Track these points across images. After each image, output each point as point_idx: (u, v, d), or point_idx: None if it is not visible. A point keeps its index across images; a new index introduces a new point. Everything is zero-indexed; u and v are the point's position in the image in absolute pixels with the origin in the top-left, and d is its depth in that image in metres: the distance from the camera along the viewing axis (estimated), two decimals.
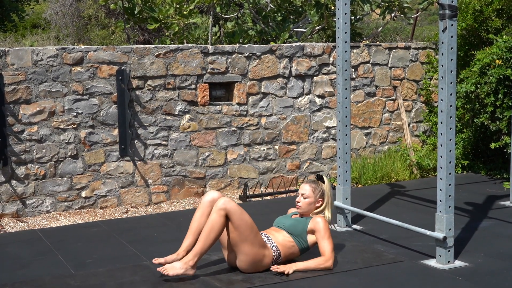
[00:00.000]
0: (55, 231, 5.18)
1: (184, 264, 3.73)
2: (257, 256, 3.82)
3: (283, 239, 3.99)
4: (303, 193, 4.13)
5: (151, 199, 6.12)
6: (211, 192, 3.96)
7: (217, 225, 3.71)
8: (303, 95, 6.71)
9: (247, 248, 3.78)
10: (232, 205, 3.74)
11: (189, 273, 3.75)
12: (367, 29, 13.86)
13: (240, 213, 3.74)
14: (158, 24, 7.20)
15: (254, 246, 3.79)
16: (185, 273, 3.74)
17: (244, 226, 3.74)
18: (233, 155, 6.42)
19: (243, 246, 3.78)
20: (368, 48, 7.02)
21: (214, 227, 3.71)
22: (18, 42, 13.08)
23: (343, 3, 4.80)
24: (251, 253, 3.80)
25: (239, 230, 3.73)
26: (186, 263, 3.73)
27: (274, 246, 3.93)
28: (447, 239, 4.00)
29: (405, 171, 6.83)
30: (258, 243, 3.81)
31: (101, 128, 5.87)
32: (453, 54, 3.89)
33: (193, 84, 6.18)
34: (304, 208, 4.12)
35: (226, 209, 3.71)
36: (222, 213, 3.71)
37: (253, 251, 3.80)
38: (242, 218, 3.74)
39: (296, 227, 4.04)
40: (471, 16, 6.80)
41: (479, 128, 6.90)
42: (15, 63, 5.51)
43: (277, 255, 3.93)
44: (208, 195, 3.94)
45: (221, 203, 3.73)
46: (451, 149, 3.94)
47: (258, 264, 3.86)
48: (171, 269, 3.73)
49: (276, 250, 3.93)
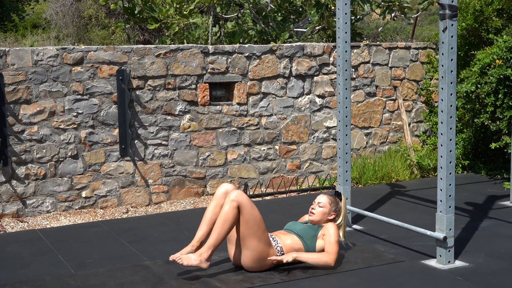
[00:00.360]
0: (55, 231, 5.18)
1: (198, 257, 3.74)
2: (262, 253, 3.84)
3: (291, 242, 4.01)
4: (319, 201, 4.18)
5: (151, 199, 6.12)
6: (225, 184, 3.98)
7: (230, 217, 3.73)
8: (303, 95, 6.71)
9: (254, 244, 3.80)
10: (244, 198, 3.77)
11: (203, 266, 3.75)
12: (367, 29, 13.86)
13: (251, 207, 3.78)
14: (158, 24, 7.21)
15: (261, 243, 3.81)
16: (199, 265, 3.74)
17: (253, 221, 3.77)
18: (233, 155, 6.42)
19: (250, 241, 3.79)
20: (369, 48, 7.02)
21: (227, 218, 3.73)
22: (19, 42, 13.08)
23: (343, 3, 4.80)
24: (257, 249, 3.81)
25: (248, 224, 3.76)
26: (201, 255, 3.74)
27: (279, 247, 3.94)
28: (448, 239, 4.00)
29: (406, 171, 6.83)
30: (264, 240, 3.83)
31: (101, 128, 5.87)
32: (454, 54, 3.89)
33: (193, 84, 6.18)
34: (317, 217, 4.16)
35: (238, 201, 3.75)
36: (235, 205, 3.74)
37: (259, 247, 3.81)
38: (253, 213, 3.77)
39: (307, 232, 4.07)
40: (471, 16, 6.80)
41: (479, 128, 6.90)
42: (15, 63, 5.51)
43: (280, 255, 3.93)
44: (222, 187, 3.96)
45: (234, 195, 3.76)
46: (452, 149, 3.94)
47: (262, 262, 3.87)
48: (186, 259, 3.73)
49: (280, 251, 3.94)
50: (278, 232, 4.12)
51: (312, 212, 4.18)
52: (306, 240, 4.03)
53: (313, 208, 4.18)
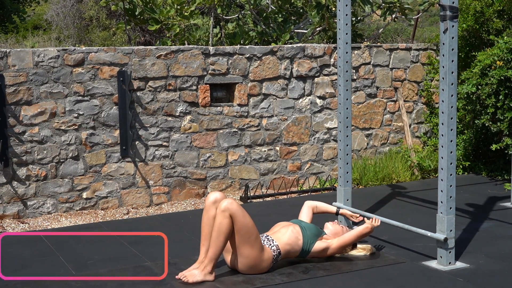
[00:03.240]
0: (55, 231, 5.18)
1: (202, 271, 3.79)
2: (256, 260, 3.85)
3: (290, 234, 4.02)
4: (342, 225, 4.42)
5: (152, 200, 6.13)
6: (214, 193, 3.97)
7: (224, 228, 3.73)
8: (304, 96, 6.71)
9: (247, 251, 3.80)
10: (235, 207, 3.75)
11: (209, 278, 3.80)
12: (368, 30, 13.86)
13: (242, 216, 3.76)
14: (159, 25, 7.21)
15: (254, 249, 3.82)
16: (204, 279, 3.79)
17: (245, 230, 3.76)
18: (234, 156, 6.42)
19: (244, 249, 3.80)
20: (369, 49, 7.02)
21: (222, 230, 3.74)
22: (19, 43, 13.08)
23: (344, 4, 4.80)
24: (251, 256, 3.82)
25: (241, 233, 3.76)
26: (204, 269, 3.79)
27: (275, 246, 3.94)
28: (448, 240, 4.00)
29: (406, 172, 6.83)
30: (258, 246, 3.84)
31: (102, 129, 5.87)
32: (454, 55, 3.89)
33: (194, 85, 6.18)
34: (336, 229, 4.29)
35: (230, 210, 3.73)
36: (227, 214, 3.73)
37: (253, 254, 3.82)
38: (244, 221, 3.76)
39: (312, 229, 4.13)
40: (472, 17, 6.80)
41: (480, 129, 6.90)
42: (16, 64, 5.52)
43: (276, 254, 3.95)
44: (211, 196, 3.95)
45: (224, 206, 3.75)
46: (452, 150, 3.94)
47: (257, 267, 3.88)
48: (191, 277, 3.79)
49: (276, 250, 3.94)
50: (276, 226, 4.16)
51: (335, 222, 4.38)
52: (307, 235, 4.06)
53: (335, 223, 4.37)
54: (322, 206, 4.56)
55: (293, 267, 4.04)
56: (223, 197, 3.91)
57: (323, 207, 4.56)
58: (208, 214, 3.91)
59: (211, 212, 3.90)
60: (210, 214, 3.90)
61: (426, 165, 6.84)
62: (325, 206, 4.58)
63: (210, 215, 3.90)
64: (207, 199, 3.96)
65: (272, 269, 3.95)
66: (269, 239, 3.98)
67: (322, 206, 4.56)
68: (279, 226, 4.15)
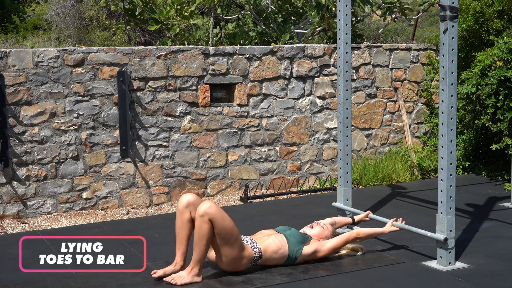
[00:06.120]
0: (56, 232, 5.18)
1: (189, 274, 3.80)
2: (236, 259, 3.87)
3: (270, 242, 4.00)
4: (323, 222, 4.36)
5: (152, 200, 6.13)
6: (186, 196, 3.94)
7: (204, 232, 3.74)
8: (304, 96, 6.71)
9: (228, 251, 3.84)
10: (213, 210, 3.74)
11: (197, 280, 3.81)
12: (368, 30, 13.86)
13: (221, 218, 3.76)
14: (159, 26, 7.21)
15: (234, 249, 3.84)
16: (192, 281, 3.80)
17: (225, 232, 3.77)
18: (234, 156, 6.42)
19: (224, 250, 3.83)
20: (369, 49, 7.02)
21: (202, 234, 3.74)
22: (19, 43, 13.08)
23: (344, 4, 4.80)
24: (231, 256, 3.85)
25: (221, 235, 3.77)
26: (191, 271, 3.80)
27: (257, 248, 3.95)
28: (448, 241, 4.00)
29: (406, 173, 6.83)
30: (238, 246, 3.85)
31: (102, 129, 5.87)
32: (454, 56, 3.89)
33: (194, 85, 6.18)
34: (319, 231, 4.25)
35: (208, 214, 3.73)
36: (206, 219, 3.72)
37: (233, 253, 3.85)
38: (223, 224, 3.76)
39: (297, 236, 4.10)
40: (472, 18, 6.80)
41: (480, 130, 6.90)
42: (16, 65, 5.52)
43: (257, 256, 3.95)
44: (184, 199, 3.93)
45: (202, 210, 3.73)
46: (452, 150, 3.94)
47: (237, 264, 3.90)
48: (179, 279, 3.79)
49: (258, 252, 3.95)
50: (259, 233, 4.15)
51: (316, 223, 4.31)
52: (292, 242, 4.05)
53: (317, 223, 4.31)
54: (340, 220, 4.62)
55: (293, 267, 4.04)
56: (196, 200, 3.90)
57: (342, 221, 4.61)
58: (182, 218, 3.91)
59: (184, 215, 3.90)
60: (184, 217, 3.90)
61: (426, 165, 6.84)
62: (342, 219, 4.64)
63: (184, 218, 3.90)
64: (180, 202, 3.94)
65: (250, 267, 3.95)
66: (252, 241, 3.99)
67: (340, 220, 4.62)
68: (262, 234, 4.15)
